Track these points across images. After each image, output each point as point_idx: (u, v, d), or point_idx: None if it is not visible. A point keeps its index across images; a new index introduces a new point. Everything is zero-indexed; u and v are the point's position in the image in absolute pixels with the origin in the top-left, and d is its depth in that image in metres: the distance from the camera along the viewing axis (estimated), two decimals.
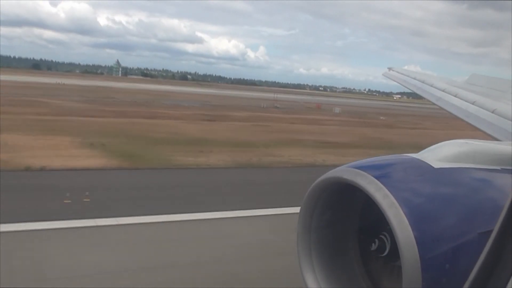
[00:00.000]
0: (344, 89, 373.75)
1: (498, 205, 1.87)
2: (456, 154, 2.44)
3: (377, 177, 2.19)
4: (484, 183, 2.39)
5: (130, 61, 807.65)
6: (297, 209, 2.65)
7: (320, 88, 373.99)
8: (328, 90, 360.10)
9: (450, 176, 2.33)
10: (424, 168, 2.31)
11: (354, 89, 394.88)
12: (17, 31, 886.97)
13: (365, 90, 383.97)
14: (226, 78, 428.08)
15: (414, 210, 2.10)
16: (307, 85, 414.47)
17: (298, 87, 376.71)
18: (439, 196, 2.23)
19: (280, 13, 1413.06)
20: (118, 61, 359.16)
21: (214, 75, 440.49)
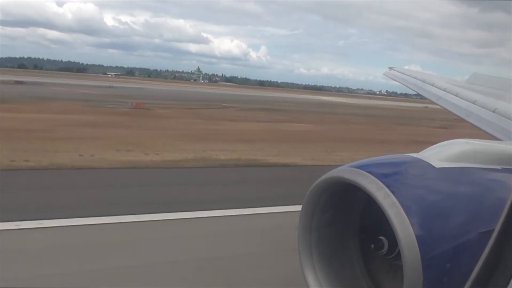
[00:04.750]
0: (367, 91, 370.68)
1: (499, 204, 1.87)
2: (457, 153, 2.45)
3: (378, 177, 2.19)
4: (485, 183, 2.39)
5: (132, 61, 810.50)
6: (297, 208, 2.66)
7: (345, 91, 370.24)
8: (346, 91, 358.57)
9: (451, 175, 2.33)
10: (425, 168, 2.31)
11: (371, 90, 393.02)
12: (22, 31, 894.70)
13: (380, 91, 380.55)
14: (251, 80, 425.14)
15: (415, 209, 2.10)
16: (331, 87, 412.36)
17: (321, 89, 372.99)
18: (440, 195, 2.23)
19: (289, 14, 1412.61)
20: (199, 68, 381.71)
21: (239, 77, 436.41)
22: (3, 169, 16.06)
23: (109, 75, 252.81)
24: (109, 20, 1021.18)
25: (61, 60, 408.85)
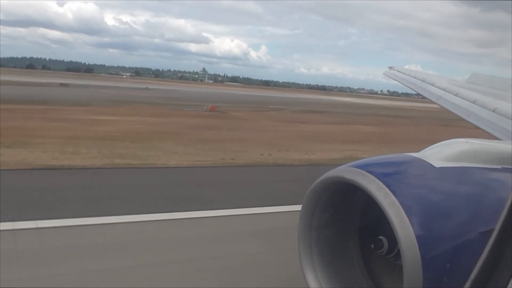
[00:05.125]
0: (369, 91, 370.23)
1: (498, 204, 1.87)
2: (457, 153, 2.45)
3: (378, 177, 2.19)
4: (485, 182, 2.39)
5: (132, 60, 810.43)
6: (297, 208, 2.65)
7: (347, 90, 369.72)
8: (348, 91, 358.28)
9: (451, 175, 2.33)
10: (425, 167, 2.31)
11: (372, 89, 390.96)
12: (22, 31, 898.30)
13: (381, 90, 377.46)
14: (254, 79, 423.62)
15: (415, 209, 2.10)
16: (335, 87, 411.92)
17: (325, 88, 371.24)
18: (440, 195, 2.23)
19: (289, 14, 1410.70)
20: (204, 68, 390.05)
21: (241, 77, 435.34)
22: (244, 165, 19.11)
23: (124, 76, 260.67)
24: (109, 20, 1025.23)
25: (64, 60, 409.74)
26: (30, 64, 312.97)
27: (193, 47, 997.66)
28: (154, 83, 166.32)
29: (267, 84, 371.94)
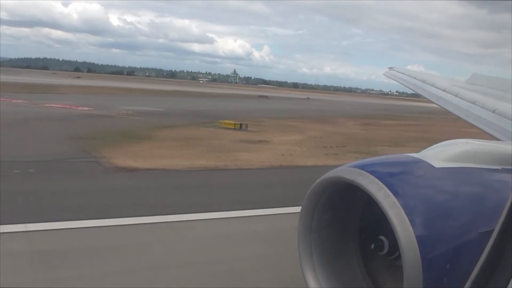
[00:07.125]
0: (378, 91, 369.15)
1: (498, 204, 1.86)
2: (457, 154, 2.45)
3: (378, 177, 2.19)
4: (485, 183, 2.39)
5: (135, 60, 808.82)
6: (297, 209, 2.65)
7: (358, 91, 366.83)
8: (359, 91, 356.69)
9: (451, 175, 2.33)
10: (425, 168, 2.31)
11: (381, 90, 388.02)
12: (26, 31, 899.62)
13: (390, 91, 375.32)
14: (266, 80, 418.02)
15: (415, 210, 2.10)
16: (343, 87, 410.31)
17: (340, 89, 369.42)
18: (440, 196, 2.23)
19: (295, 14, 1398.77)
20: (235, 71, 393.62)
21: (253, 78, 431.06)
22: None
23: (201, 81, 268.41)
24: (114, 20, 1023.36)
25: (77, 61, 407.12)
26: (77, 68, 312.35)
27: (196, 47, 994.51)
28: (240, 89, 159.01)
29: (295, 86, 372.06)
